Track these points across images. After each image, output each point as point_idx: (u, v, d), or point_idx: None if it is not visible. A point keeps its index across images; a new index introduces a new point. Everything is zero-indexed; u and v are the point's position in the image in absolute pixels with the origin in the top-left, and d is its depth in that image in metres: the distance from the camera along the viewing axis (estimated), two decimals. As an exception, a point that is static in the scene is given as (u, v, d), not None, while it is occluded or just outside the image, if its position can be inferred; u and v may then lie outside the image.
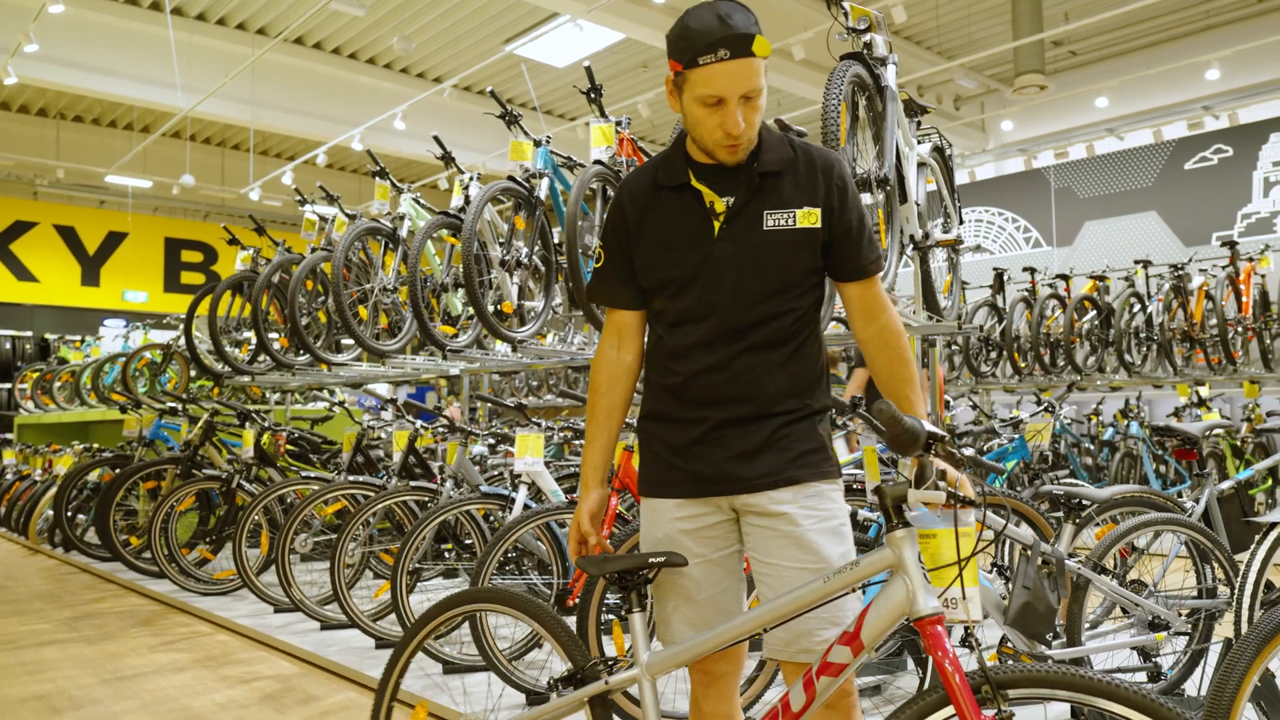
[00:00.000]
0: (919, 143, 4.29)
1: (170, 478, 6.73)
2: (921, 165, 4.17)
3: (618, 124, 4.80)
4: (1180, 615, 3.32)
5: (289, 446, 6.68)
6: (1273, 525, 2.95)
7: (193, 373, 9.10)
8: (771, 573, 1.97)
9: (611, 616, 3.64)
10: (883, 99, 3.60)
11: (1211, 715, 1.90)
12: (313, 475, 5.83)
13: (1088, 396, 11.09)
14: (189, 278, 18.18)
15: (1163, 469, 8.73)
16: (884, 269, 2.83)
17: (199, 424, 6.77)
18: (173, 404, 7.41)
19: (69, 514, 7.72)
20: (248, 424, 6.43)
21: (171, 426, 7.59)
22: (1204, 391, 9.12)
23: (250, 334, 7.39)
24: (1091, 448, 9.12)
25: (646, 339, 2.15)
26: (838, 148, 3.22)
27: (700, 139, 1.93)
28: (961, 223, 4.74)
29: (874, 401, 1.61)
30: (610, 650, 3.53)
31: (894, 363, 2.01)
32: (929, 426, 1.70)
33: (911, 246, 3.99)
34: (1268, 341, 8.53)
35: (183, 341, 8.91)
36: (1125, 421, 8.98)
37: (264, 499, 5.55)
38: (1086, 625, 3.29)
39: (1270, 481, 8.19)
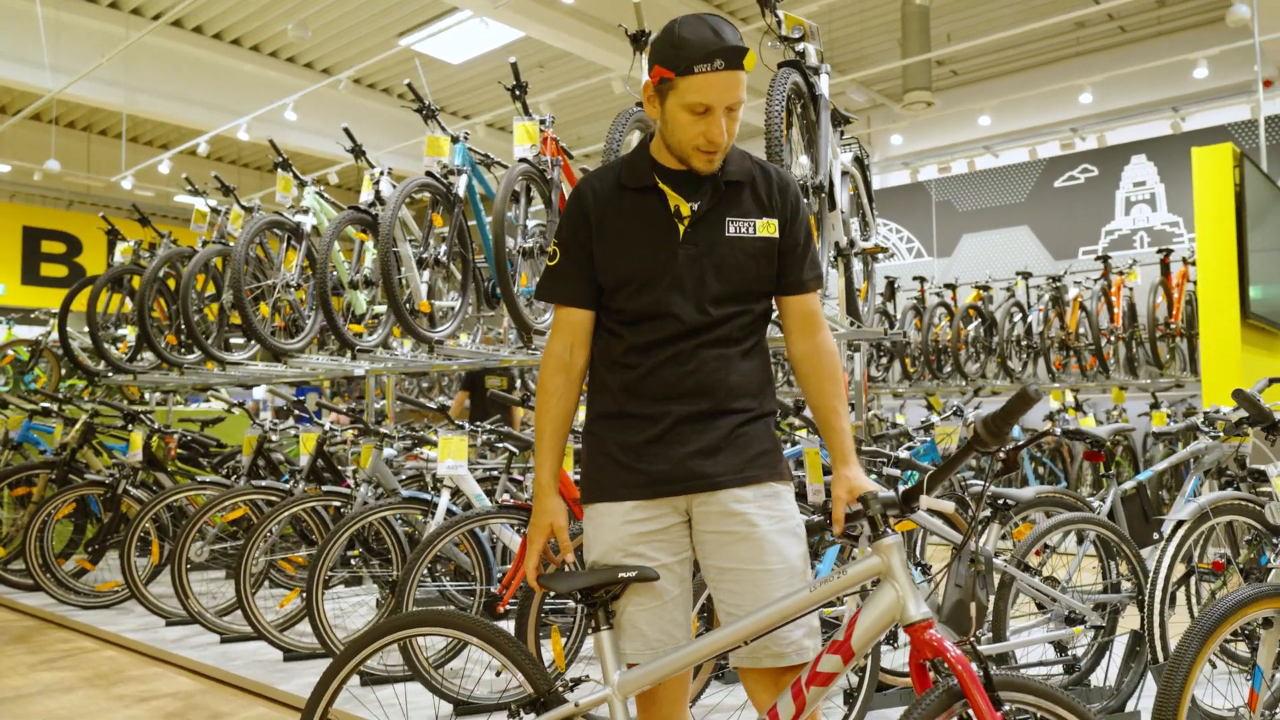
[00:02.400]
0: (841, 151, 4.38)
1: (43, 483, 6.28)
2: (845, 174, 4.27)
3: (542, 122, 4.74)
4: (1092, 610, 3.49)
5: (179, 450, 6.32)
6: (1179, 524, 3.13)
7: (64, 371, 8.54)
8: (731, 578, 1.96)
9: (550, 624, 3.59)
10: (817, 107, 3.67)
11: (1162, 706, 2.00)
12: (207, 480, 5.54)
13: (969, 402, 11.61)
14: (50, 270, 17.02)
15: (1040, 469, 9.20)
16: (824, 285, 2.86)
17: (77, 425, 6.34)
18: (46, 404, 6.90)
19: (-78, 524, 7.11)
20: (134, 426, 6.06)
21: (43, 429, 7.08)
22: (1079, 397, 9.67)
23: (126, 331, 6.99)
24: (975, 450, 9.53)
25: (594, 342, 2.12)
26: (781, 154, 3.27)
27: (679, 144, 1.96)
28: (875, 232, 4.87)
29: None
30: (548, 656, 3.48)
31: (826, 380, 2.07)
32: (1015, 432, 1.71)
33: (835, 253, 4.08)
34: (1134, 350, 9.08)
35: (54, 337, 8.36)
36: (1009, 425, 9.41)
37: (155, 505, 5.23)
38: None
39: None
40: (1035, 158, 13.26)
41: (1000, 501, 3.25)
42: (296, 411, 6.22)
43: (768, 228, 2.01)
